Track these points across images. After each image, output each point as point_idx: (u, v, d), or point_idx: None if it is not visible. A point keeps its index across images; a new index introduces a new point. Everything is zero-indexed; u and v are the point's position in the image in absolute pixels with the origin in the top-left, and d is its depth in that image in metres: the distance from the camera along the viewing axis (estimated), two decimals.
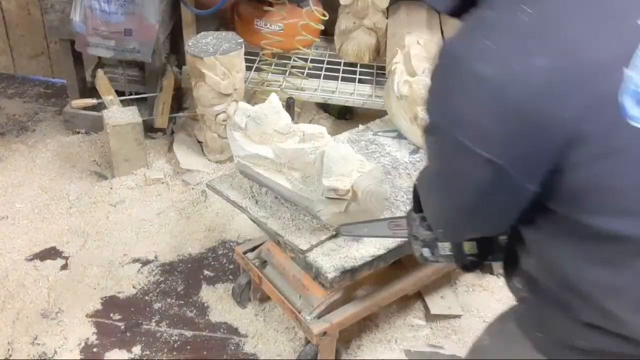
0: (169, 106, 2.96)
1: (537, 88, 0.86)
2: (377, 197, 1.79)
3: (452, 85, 0.92)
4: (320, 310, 1.89)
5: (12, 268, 2.34)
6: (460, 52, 0.91)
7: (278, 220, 1.85)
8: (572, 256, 0.98)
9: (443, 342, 2.14)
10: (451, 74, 0.92)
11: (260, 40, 2.99)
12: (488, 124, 0.89)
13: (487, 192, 0.96)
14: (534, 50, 0.86)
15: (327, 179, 1.74)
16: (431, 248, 1.36)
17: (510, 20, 0.89)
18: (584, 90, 0.86)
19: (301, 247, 1.76)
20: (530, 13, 0.88)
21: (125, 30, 2.70)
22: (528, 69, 0.86)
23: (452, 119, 0.93)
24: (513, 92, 0.86)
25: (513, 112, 0.87)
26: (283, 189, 1.88)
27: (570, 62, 0.86)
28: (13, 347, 2.07)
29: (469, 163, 0.93)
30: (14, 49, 3.42)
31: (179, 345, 2.10)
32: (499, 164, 0.90)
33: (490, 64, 0.87)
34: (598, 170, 0.89)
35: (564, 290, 1.00)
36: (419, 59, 2.31)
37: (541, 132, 0.87)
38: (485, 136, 0.90)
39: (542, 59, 0.86)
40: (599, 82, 0.86)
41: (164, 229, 2.54)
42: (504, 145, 0.89)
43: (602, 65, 0.86)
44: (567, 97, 0.86)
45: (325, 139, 1.90)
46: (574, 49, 0.86)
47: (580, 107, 0.86)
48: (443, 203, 1.09)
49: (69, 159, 2.89)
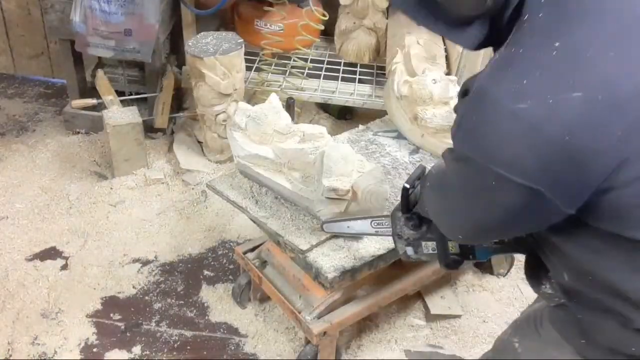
0: (169, 106, 2.96)
1: (574, 121, 0.87)
2: (377, 197, 1.79)
3: (487, 123, 0.93)
4: (320, 310, 1.88)
5: (12, 268, 2.34)
6: (494, 92, 0.92)
7: (278, 220, 1.85)
8: (617, 267, 0.99)
9: (443, 342, 2.14)
10: (483, 110, 0.93)
11: (260, 40, 3.00)
12: (525, 157, 0.89)
13: (520, 213, 0.96)
14: (568, 84, 0.87)
15: (327, 179, 1.74)
16: (415, 247, 1.43)
17: (541, 58, 0.90)
18: (623, 117, 0.87)
19: (301, 247, 1.76)
20: (560, 48, 0.89)
21: (125, 30, 2.70)
22: (563, 103, 0.87)
23: (486, 152, 0.93)
24: (550, 127, 0.87)
25: (551, 146, 0.88)
26: (283, 189, 1.88)
27: (605, 93, 0.87)
28: (13, 347, 2.07)
29: (503, 189, 0.93)
30: (14, 49, 3.42)
31: (179, 345, 2.10)
32: (536, 189, 0.90)
33: (525, 102, 0.88)
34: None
35: (612, 298, 1.01)
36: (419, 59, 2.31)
37: (581, 161, 0.88)
38: (523, 167, 0.90)
39: (577, 93, 0.87)
40: (636, 109, 0.87)
41: (164, 229, 2.54)
42: (544, 174, 0.90)
43: (636, 92, 0.87)
44: (605, 127, 0.87)
45: (325, 139, 1.90)
46: (607, 80, 0.87)
47: (620, 134, 0.87)
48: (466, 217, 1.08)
49: (69, 159, 2.89)
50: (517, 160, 0.90)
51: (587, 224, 0.97)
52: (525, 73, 0.90)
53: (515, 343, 1.26)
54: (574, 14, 0.91)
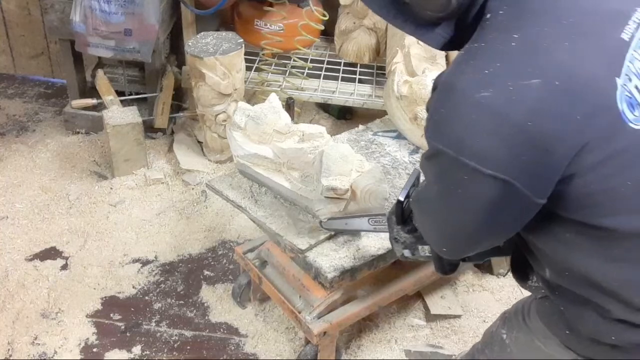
0: (169, 106, 2.96)
1: (535, 106, 0.90)
2: (376, 197, 1.79)
3: (451, 112, 0.96)
4: (320, 310, 1.88)
5: (12, 268, 2.34)
6: (455, 82, 0.96)
7: (277, 220, 1.85)
8: (592, 257, 1.01)
9: (443, 342, 2.14)
10: (449, 102, 0.96)
11: (260, 40, 3.00)
12: (492, 144, 0.92)
13: (494, 209, 0.98)
14: (527, 72, 0.92)
15: (326, 179, 1.74)
16: (412, 249, 1.44)
17: (501, 49, 0.95)
18: (581, 102, 0.91)
19: (300, 246, 1.76)
20: (518, 40, 0.94)
21: (125, 30, 2.70)
22: (524, 90, 0.91)
23: (455, 143, 0.95)
24: (513, 113, 0.91)
25: (514, 131, 0.91)
26: (282, 188, 1.88)
27: (562, 79, 0.91)
28: (13, 347, 2.07)
29: (475, 182, 0.95)
30: (14, 49, 3.42)
31: (179, 345, 2.11)
32: (506, 180, 0.93)
33: (487, 89, 0.92)
34: (606, 171, 0.94)
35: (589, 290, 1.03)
36: (419, 59, 2.31)
37: (545, 147, 0.91)
38: (490, 156, 0.93)
39: (536, 80, 0.91)
40: (594, 93, 0.92)
41: (164, 229, 2.54)
42: (511, 162, 0.93)
43: (593, 78, 0.92)
44: (565, 112, 0.91)
45: (325, 139, 1.90)
46: (563, 68, 0.92)
47: (580, 119, 0.91)
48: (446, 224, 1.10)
49: (69, 159, 2.89)
50: (484, 149, 0.93)
51: (558, 216, 1.00)
52: (486, 64, 0.94)
53: (503, 334, 1.28)
54: (532, 11, 0.97)
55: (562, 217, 1.00)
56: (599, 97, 0.92)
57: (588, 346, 1.09)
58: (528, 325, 1.22)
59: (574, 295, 1.06)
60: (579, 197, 0.96)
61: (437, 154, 0.99)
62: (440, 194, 1.05)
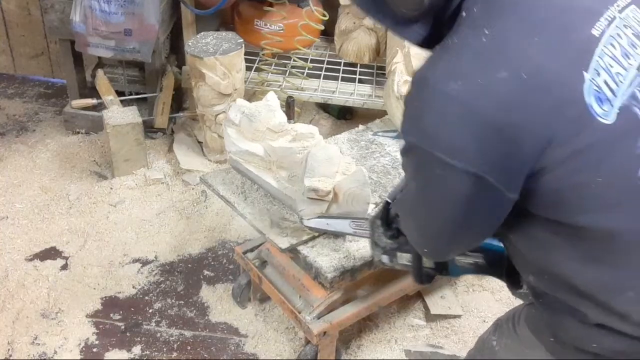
0: (169, 106, 2.96)
1: (502, 98, 0.92)
2: (358, 201, 1.77)
3: (424, 106, 0.97)
4: (320, 310, 1.88)
5: (12, 268, 2.34)
6: (428, 76, 0.98)
7: (263, 217, 1.85)
8: (568, 259, 1.00)
9: (443, 342, 2.14)
10: (422, 95, 0.97)
11: (260, 40, 3.00)
12: (462, 137, 0.94)
13: (469, 205, 0.99)
14: (495, 65, 0.93)
15: (309, 179, 1.73)
16: (390, 256, 1.44)
17: (472, 43, 0.97)
18: (548, 95, 0.92)
19: (281, 245, 1.76)
20: (489, 35, 0.95)
21: (125, 30, 2.70)
22: (492, 82, 0.92)
23: (427, 136, 0.97)
24: (481, 105, 0.92)
25: (483, 123, 0.92)
26: (270, 186, 1.89)
27: (530, 73, 0.92)
28: (13, 347, 2.07)
29: (448, 177, 0.96)
30: (14, 49, 3.42)
31: (179, 345, 2.10)
32: (478, 174, 0.94)
33: (457, 82, 0.94)
34: (576, 166, 0.94)
35: (569, 294, 1.02)
36: (419, 59, 2.31)
37: (513, 139, 0.92)
38: (461, 149, 0.94)
39: (504, 73, 0.92)
40: (561, 87, 0.93)
41: (164, 229, 2.54)
42: (481, 156, 0.94)
43: (560, 71, 0.93)
44: (532, 104, 0.92)
45: (316, 139, 1.89)
46: (531, 61, 0.93)
47: (547, 112, 0.92)
48: (426, 222, 1.11)
49: (69, 159, 2.89)
50: (455, 143, 0.94)
51: (534, 215, 1.00)
52: (458, 58, 0.97)
53: (493, 341, 1.28)
54: (503, 7, 0.99)
55: (538, 216, 1.00)
56: (566, 90, 0.93)
57: (572, 354, 1.07)
58: (517, 332, 1.21)
59: (555, 300, 1.06)
60: (550, 193, 0.96)
61: (413, 149, 1.01)
62: (417, 190, 1.07)
